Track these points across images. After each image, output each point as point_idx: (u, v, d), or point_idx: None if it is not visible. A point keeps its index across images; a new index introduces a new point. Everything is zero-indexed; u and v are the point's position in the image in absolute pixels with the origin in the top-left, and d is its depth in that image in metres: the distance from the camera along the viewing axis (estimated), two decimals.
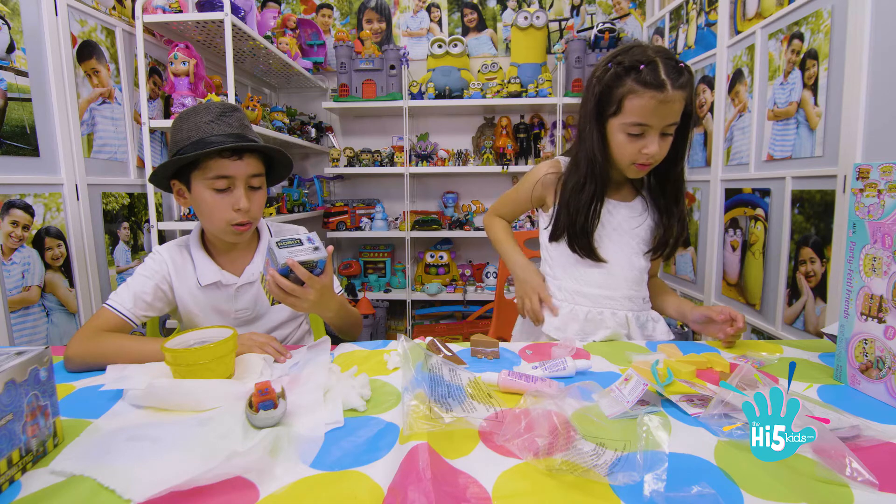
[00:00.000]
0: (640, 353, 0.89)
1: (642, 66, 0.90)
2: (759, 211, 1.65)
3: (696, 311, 1.00)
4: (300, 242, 0.82)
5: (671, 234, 1.07)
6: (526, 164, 2.74)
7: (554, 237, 1.09)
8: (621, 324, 1.05)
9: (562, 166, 1.10)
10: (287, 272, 0.80)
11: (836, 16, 1.31)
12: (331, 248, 0.85)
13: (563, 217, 1.06)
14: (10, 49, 1.41)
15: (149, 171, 1.91)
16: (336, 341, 0.94)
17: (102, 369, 0.80)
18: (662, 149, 0.96)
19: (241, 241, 1.03)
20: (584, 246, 1.04)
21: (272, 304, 0.86)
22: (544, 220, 1.14)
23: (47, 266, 1.52)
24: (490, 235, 1.25)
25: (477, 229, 2.70)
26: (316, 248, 0.82)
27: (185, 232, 1.62)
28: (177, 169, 0.95)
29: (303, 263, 0.80)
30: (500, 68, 2.66)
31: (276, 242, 0.80)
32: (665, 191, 1.06)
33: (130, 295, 0.94)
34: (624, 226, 1.07)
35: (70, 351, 0.83)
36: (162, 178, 0.97)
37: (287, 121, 2.38)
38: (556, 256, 1.11)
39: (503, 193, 1.25)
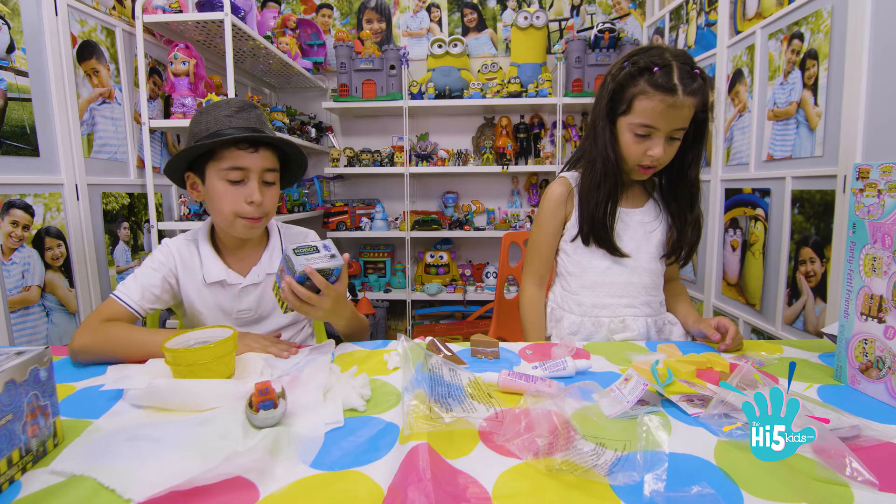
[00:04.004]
0: (640, 353, 0.89)
1: (656, 69, 0.90)
2: (759, 211, 1.65)
3: (695, 328, 1.01)
4: (317, 250, 0.81)
5: (686, 240, 1.07)
6: (526, 163, 2.74)
7: (585, 241, 1.07)
8: (640, 329, 1.06)
9: (569, 180, 1.10)
10: (303, 280, 0.80)
11: (836, 16, 1.31)
12: (346, 255, 0.85)
13: (584, 215, 1.06)
14: (10, 49, 1.41)
15: (149, 171, 1.91)
16: (338, 342, 0.94)
17: (107, 363, 0.80)
18: (668, 153, 0.96)
19: (252, 235, 1.02)
20: (604, 239, 1.04)
21: (285, 311, 0.86)
22: (566, 234, 1.11)
23: (47, 266, 1.52)
24: (521, 312, 1.14)
25: (477, 229, 2.70)
26: (332, 256, 0.82)
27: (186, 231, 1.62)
28: (192, 161, 0.96)
29: (319, 271, 0.79)
30: (500, 68, 2.66)
31: (294, 249, 0.80)
32: (679, 196, 1.07)
33: (138, 287, 0.94)
34: (640, 231, 1.08)
35: (76, 343, 0.83)
36: (177, 169, 0.97)
37: (287, 121, 2.37)
38: (576, 272, 1.10)
39: (527, 248, 1.17)
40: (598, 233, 1.04)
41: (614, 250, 1.04)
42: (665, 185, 1.10)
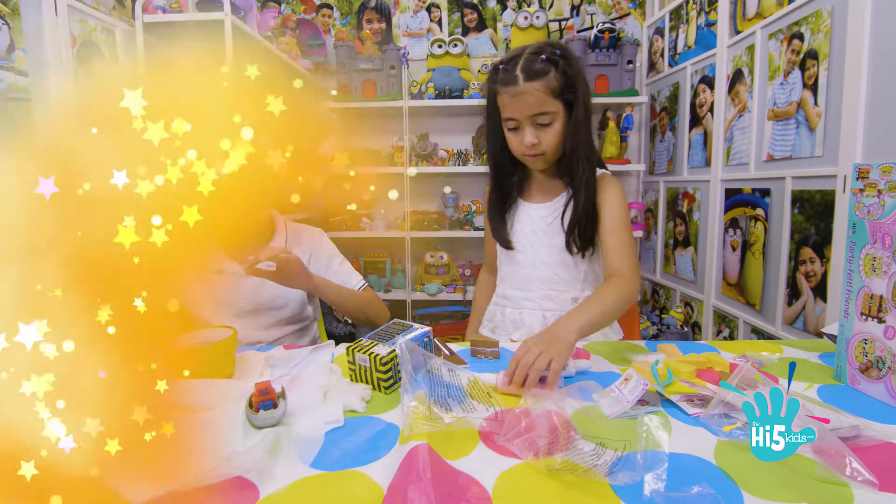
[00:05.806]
0: (640, 353, 0.89)
1: (501, 66, 0.97)
2: (759, 211, 1.65)
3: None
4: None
5: (569, 219, 1.03)
6: None
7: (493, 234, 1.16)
8: (535, 323, 1.07)
9: None
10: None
11: (836, 16, 1.31)
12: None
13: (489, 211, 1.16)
14: (11, 49, 1.41)
15: None
16: (338, 342, 0.94)
17: None
18: (544, 139, 0.98)
19: None
20: (497, 230, 1.12)
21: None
22: None
23: None
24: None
25: (476, 229, 2.70)
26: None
27: None
28: None
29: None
30: None
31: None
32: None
33: None
34: (541, 225, 1.09)
35: None
36: None
37: None
38: (498, 265, 1.19)
39: None
40: (489, 226, 1.14)
41: (504, 243, 1.11)
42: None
